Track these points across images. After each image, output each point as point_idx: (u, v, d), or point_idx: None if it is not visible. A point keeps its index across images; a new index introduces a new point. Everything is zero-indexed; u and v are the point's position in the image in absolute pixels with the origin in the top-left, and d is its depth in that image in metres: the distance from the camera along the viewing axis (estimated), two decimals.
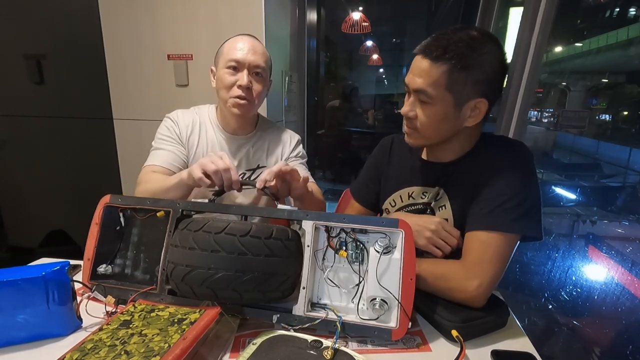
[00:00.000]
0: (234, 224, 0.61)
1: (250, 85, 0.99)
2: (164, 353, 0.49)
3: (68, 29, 1.75)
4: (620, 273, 2.16)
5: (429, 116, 0.73)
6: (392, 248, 0.64)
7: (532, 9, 1.49)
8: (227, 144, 1.09)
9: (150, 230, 0.77)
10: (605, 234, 2.68)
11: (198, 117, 1.09)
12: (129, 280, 0.75)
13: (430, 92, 0.70)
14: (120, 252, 0.78)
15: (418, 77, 0.71)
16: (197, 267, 0.59)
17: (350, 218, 0.65)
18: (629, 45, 5.01)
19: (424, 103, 0.72)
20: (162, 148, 1.03)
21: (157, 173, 0.98)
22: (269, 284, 0.62)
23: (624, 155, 4.57)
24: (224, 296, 0.61)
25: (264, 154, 1.13)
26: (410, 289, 0.62)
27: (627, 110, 5.48)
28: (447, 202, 0.81)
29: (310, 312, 0.65)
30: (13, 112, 1.87)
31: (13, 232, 2.10)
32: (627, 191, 3.89)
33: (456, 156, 0.81)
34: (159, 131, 1.07)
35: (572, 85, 5.95)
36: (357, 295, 0.66)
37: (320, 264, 0.68)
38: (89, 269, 0.73)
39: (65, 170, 1.92)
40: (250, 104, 1.02)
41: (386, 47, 4.92)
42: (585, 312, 1.97)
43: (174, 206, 0.72)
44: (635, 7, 4.84)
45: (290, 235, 0.65)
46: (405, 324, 0.61)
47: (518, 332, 0.66)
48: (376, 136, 3.73)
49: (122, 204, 0.75)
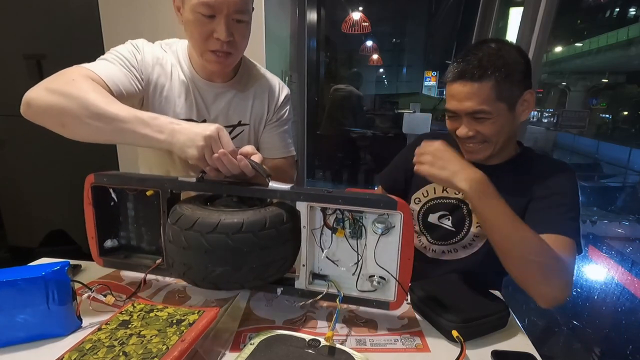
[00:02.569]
0: (225, 220, 0.58)
1: (231, 37, 0.77)
2: (162, 355, 0.49)
3: (68, 29, 1.75)
4: (620, 273, 2.16)
5: (492, 128, 0.78)
6: (391, 227, 0.63)
7: (532, 9, 1.49)
8: (200, 92, 0.87)
9: (144, 205, 0.75)
10: (605, 234, 2.68)
11: (168, 55, 0.86)
12: (137, 251, 0.77)
13: (486, 108, 0.75)
14: (122, 226, 0.77)
15: (466, 100, 0.76)
16: (194, 265, 0.59)
17: (346, 199, 0.61)
18: (629, 45, 5.01)
19: (483, 120, 0.77)
20: (112, 63, 0.76)
21: (93, 81, 0.69)
22: (267, 272, 0.62)
23: (624, 155, 4.57)
24: (226, 287, 0.62)
25: (247, 109, 0.93)
26: (407, 267, 0.63)
27: (627, 110, 5.48)
28: None
29: (312, 284, 0.67)
30: (13, 112, 1.86)
31: (13, 232, 2.10)
32: (627, 191, 3.90)
33: (500, 161, 0.86)
34: (115, 49, 0.81)
35: (572, 85, 5.95)
36: (356, 273, 0.67)
37: (318, 241, 0.67)
38: (96, 246, 0.73)
39: (65, 170, 1.91)
40: (233, 57, 0.82)
41: (386, 47, 4.92)
42: (585, 312, 1.97)
43: (161, 186, 0.68)
44: (635, 7, 4.84)
45: (285, 218, 0.63)
46: (402, 298, 0.64)
47: (518, 332, 0.66)
48: (376, 136, 3.73)
49: (107, 183, 0.71)
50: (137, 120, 0.64)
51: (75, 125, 0.66)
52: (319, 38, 2.66)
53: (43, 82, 0.68)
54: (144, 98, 0.83)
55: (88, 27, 1.69)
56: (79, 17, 1.72)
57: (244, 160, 0.64)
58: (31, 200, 2.01)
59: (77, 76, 0.68)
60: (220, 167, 0.64)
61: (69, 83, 0.66)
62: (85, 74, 0.70)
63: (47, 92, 0.66)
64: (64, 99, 0.64)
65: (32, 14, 1.76)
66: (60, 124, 0.67)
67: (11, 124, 1.88)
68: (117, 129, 0.64)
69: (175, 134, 0.63)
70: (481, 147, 0.81)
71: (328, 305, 0.72)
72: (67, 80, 0.67)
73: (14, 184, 1.99)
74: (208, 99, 0.88)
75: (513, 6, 2.29)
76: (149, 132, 0.64)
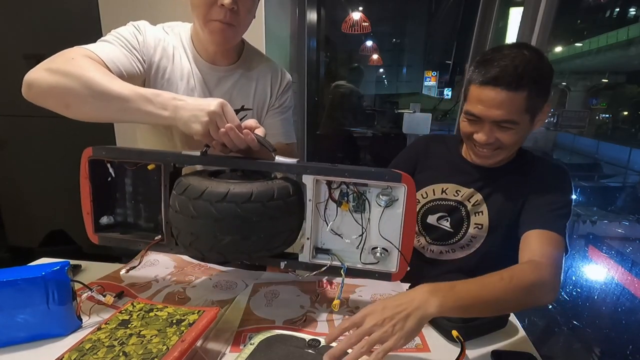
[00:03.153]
0: (234, 189, 0.58)
1: (235, 5, 0.74)
2: (162, 355, 0.49)
3: (68, 29, 1.75)
4: (620, 273, 2.16)
5: (513, 138, 0.77)
6: (394, 200, 0.64)
7: (532, 9, 1.49)
8: (203, 75, 0.86)
9: (143, 180, 0.73)
10: (605, 234, 2.68)
11: (170, 38, 0.85)
12: (134, 229, 0.75)
13: (515, 119, 0.73)
14: (119, 203, 0.75)
15: (496, 109, 0.73)
16: (202, 235, 0.59)
17: (352, 172, 0.63)
18: (629, 45, 5.01)
19: (507, 129, 0.75)
20: (112, 44, 0.75)
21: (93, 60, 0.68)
22: (274, 242, 0.63)
23: (624, 155, 4.57)
24: (234, 258, 0.64)
25: (250, 93, 0.91)
26: (410, 238, 0.65)
27: (627, 110, 5.48)
28: (485, 208, 0.85)
29: (315, 258, 0.68)
30: (13, 112, 1.87)
31: (13, 232, 2.10)
32: (627, 191, 3.90)
33: (500, 164, 0.86)
34: (116, 30, 0.79)
35: (572, 85, 5.96)
36: (359, 246, 0.68)
37: (322, 215, 0.68)
38: (91, 222, 0.71)
39: (65, 170, 1.91)
40: (236, 30, 0.79)
41: (386, 47, 4.92)
42: (585, 312, 1.97)
43: (164, 159, 0.66)
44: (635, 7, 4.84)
45: (291, 191, 0.63)
46: (404, 268, 0.66)
47: (518, 332, 0.66)
48: (376, 136, 3.73)
49: (107, 156, 0.69)
50: (140, 97, 0.63)
51: (79, 105, 0.65)
52: (319, 38, 2.65)
53: (43, 63, 0.67)
54: (146, 80, 0.81)
55: (88, 27, 1.69)
56: (79, 17, 1.72)
57: (250, 135, 0.63)
58: (31, 200, 2.01)
59: (77, 55, 0.67)
60: (227, 142, 0.63)
61: (68, 61, 0.65)
62: (84, 53, 0.68)
63: (48, 73, 0.65)
64: (65, 79, 0.63)
65: (32, 14, 1.76)
66: (64, 105, 0.66)
67: (11, 124, 1.88)
68: (121, 107, 0.63)
69: (179, 110, 0.62)
70: (495, 153, 0.81)
71: (328, 304, 0.72)
72: (66, 59, 0.66)
73: (14, 184, 1.99)
74: (211, 83, 0.87)
75: (513, 6, 2.29)
76: (152, 109, 0.63)
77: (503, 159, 0.83)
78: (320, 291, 0.78)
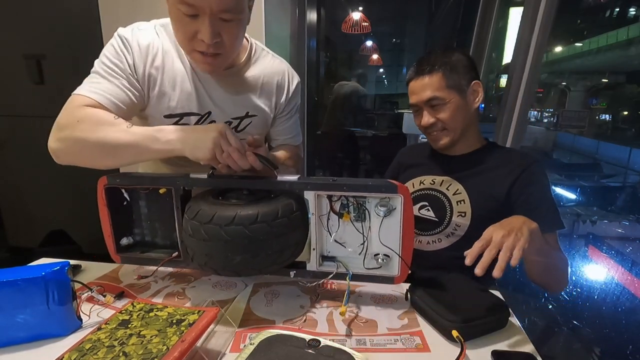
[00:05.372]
0: (241, 212, 0.62)
1: (219, 38, 0.70)
2: (162, 355, 0.49)
3: (68, 29, 1.75)
4: (620, 273, 2.16)
5: (448, 112, 0.91)
6: (392, 209, 0.68)
7: (532, 9, 1.48)
8: (202, 80, 0.81)
9: (157, 202, 0.78)
10: (605, 234, 2.68)
11: (161, 42, 0.78)
12: (152, 247, 0.81)
13: (440, 95, 0.90)
14: (136, 224, 0.81)
15: (423, 91, 0.91)
16: (215, 255, 0.63)
17: (351, 186, 0.66)
18: (629, 45, 5.01)
19: (439, 106, 0.91)
20: (104, 78, 0.73)
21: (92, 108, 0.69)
22: (283, 257, 0.67)
23: (624, 155, 4.58)
24: (246, 274, 0.69)
25: (255, 98, 0.87)
26: (409, 244, 0.68)
27: (627, 110, 5.48)
28: (467, 196, 0.92)
29: (322, 266, 0.73)
30: (13, 112, 1.87)
31: (13, 232, 2.10)
32: (627, 191, 3.90)
33: (468, 151, 0.97)
34: (105, 52, 0.76)
35: (572, 85, 5.96)
36: (362, 253, 0.72)
37: (326, 226, 0.72)
38: (113, 243, 0.77)
39: (65, 170, 1.91)
40: (224, 57, 0.75)
41: (386, 47, 4.92)
42: (585, 312, 1.97)
43: (174, 184, 0.72)
44: (635, 7, 4.84)
45: (294, 208, 0.67)
46: (405, 271, 0.70)
47: (518, 332, 0.66)
48: (376, 136, 3.73)
49: (121, 184, 0.74)
50: (146, 138, 0.67)
51: (101, 162, 0.71)
52: (319, 38, 2.65)
53: (55, 130, 0.71)
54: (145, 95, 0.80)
55: (88, 27, 1.69)
56: (79, 17, 1.72)
57: (252, 156, 0.68)
58: (31, 200, 2.01)
59: (79, 113, 0.69)
60: (231, 164, 0.67)
61: (75, 128, 0.68)
62: (83, 103, 0.70)
63: (62, 143, 0.70)
64: (79, 146, 0.69)
65: (32, 14, 1.76)
66: (91, 164, 0.72)
67: (11, 124, 1.88)
68: (134, 153, 0.69)
69: (184, 140, 0.67)
70: (442, 133, 0.94)
71: (328, 304, 0.72)
72: (72, 123, 0.69)
73: (14, 184, 1.99)
74: (211, 88, 0.82)
75: (513, 6, 2.29)
76: (159, 147, 0.68)
77: (455, 138, 0.94)
78: (320, 291, 0.78)
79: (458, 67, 0.91)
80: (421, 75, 0.91)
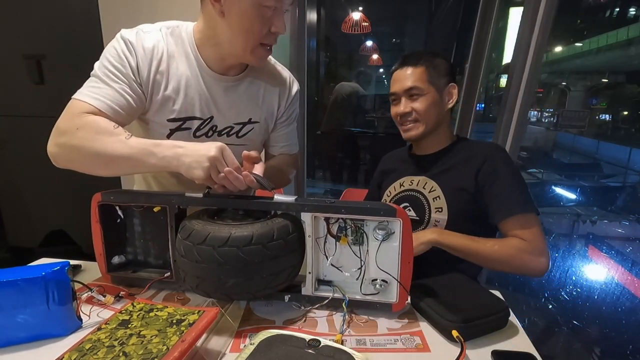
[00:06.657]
0: (236, 233, 0.60)
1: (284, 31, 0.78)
2: (162, 355, 0.49)
3: (68, 29, 1.75)
4: (620, 273, 2.16)
5: (424, 104, 0.95)
6: (391, 233, 0.66)
7: (532, 9, 1.48)
8: (207, 86, 0.81)
9: (151, 220, 0.76)
10: (605, 234, 2.68)
11: (165, 45, 0.78)
12: (144, 266, 0.79)
13: (419, 85, 0.95)
14: (129, 242, 0.79)
15: (405, 80, 0.96)
16: (207, 278, 0.61)
17: (349, 208, 0.64)
18: (629, 45, 5.01)
19: (417, 96, 0.96)
20: (105, 82, 0.73)
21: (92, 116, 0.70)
22: (277, 280, 0.64)
23: (624, 155, 4.57)
24: (238, 298, 0.66)
25: (258, 104, 0.89)
26: (408, 270, 0.66)
27: (627, 110, 5.48)
28: (441, 192, 0.95)
29: (318, 290, 0.70)
30: (13, 112, 1.87)
31: (13, 232, 2.10)
32: (627, 191, 3.90)
33: (438, 149, 1.02)
34: (106, 54, 0.75)
35: (572, 85, 5.96)
36: (359, 277, 0.70)
37: (322, 249, 0.70)
38: (104, 263, 0.75)
39: (66, 170, 1.91)
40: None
41: (386, 47, 4.92)
42: (585, 312, 1.97)
43: (169, 202, 0.70)
44: (635, 7, 4.84)
45: (291, 229, 0.65)
46: (404, 298, 0.68)
47: (518, 332, 0.66)
48: (376, 136, 3.73)
49: (115, 201, 0.73)
50: (143, 152, 0.66)
51: (97, 171, 0.71)
52: (319, 38, 2.66)
53: (54, 135, 0.71)
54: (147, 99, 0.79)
55: (88, 27, 1.70)
56: (79, 17, 1.72)
57: (249, 176, 0.67)
58: (31, 200, 2.01)
59: (79, 121, 0.69)
60: (227, 185, 0.66)
61: (74, 135, 0.68)
62: (84, 110, 0.70)
63: (60, 149, 0.71)
64: (77, 154, 0.69)
65: (32, 14, 1.76)
66: (87, 171, 0.72)
67: (11, 124, 1.88)
68: (130, 165, 0.68)
69: (180, 157, 0.66)
70: (414, 125, 0.98)
71: (328, 304, 0.72)
72: (72, 131, 0.69)
73: (14, 184, 1.99)
74: (216, 93, 0.83)
75: (513, 6, 2.29)
76: (155, 162, 0.67)
77: (425, 130, 0.98)
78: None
79: (440, 68, 0.96)
80: (406, 66, 0.97)
